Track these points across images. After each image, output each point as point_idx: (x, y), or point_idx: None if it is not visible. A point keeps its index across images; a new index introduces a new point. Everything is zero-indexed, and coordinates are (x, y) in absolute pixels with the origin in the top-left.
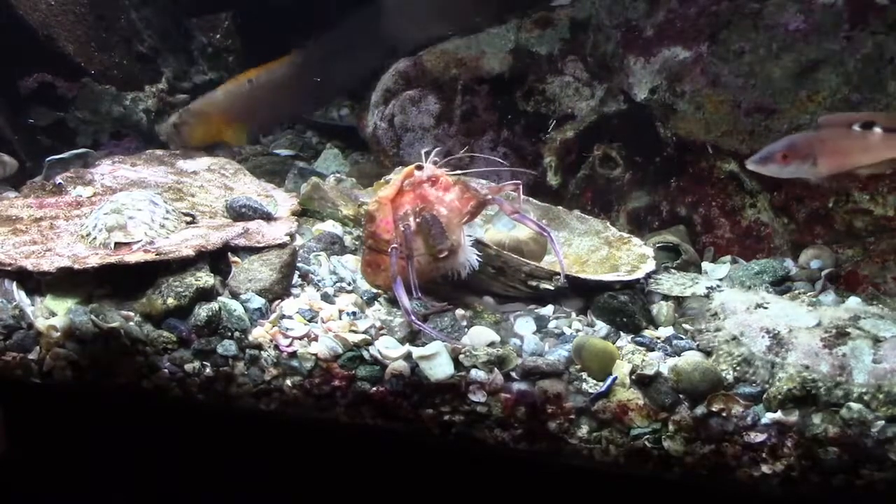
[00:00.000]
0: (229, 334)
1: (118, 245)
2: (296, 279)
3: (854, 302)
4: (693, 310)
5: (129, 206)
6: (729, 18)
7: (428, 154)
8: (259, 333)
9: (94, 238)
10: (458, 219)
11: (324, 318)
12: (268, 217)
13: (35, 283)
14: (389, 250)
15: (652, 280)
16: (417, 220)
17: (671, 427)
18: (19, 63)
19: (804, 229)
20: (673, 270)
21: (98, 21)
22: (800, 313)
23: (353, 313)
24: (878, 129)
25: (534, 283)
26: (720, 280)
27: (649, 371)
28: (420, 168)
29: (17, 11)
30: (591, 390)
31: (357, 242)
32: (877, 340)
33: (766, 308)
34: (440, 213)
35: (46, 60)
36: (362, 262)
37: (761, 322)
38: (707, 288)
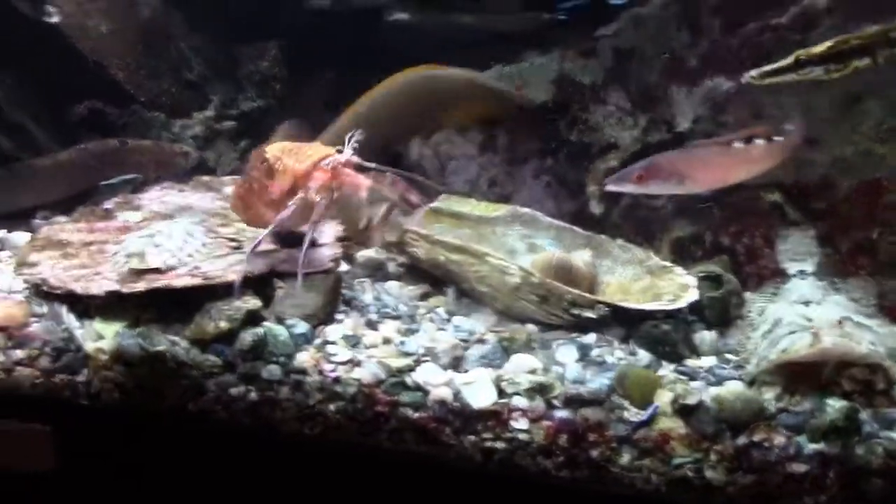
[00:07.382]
0: (274, 359)
1: (133, 271)
2: (340, 305)
3: None
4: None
5: (163, 234)
6: (772, 49)
7: (351, 139)
8: (303, 358)
9: (119, 262)
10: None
11: (367, 344)
12: (313, 242)
13: (84, 306)
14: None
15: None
16: (336, 195)
17: (713, 456)
18: (70, 90)
19: (848, 260)
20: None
21: (148, 49)
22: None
23: (399, 340)
24: (759, 142)
25: (576, 312)
26: None
27: (691, 400)
28: (339, 152)
29: (68, 39)
30: (632, 419)
31: (401, 269)
32: None
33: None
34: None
35: (97, 88)
36: (235, 194)
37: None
38: None
